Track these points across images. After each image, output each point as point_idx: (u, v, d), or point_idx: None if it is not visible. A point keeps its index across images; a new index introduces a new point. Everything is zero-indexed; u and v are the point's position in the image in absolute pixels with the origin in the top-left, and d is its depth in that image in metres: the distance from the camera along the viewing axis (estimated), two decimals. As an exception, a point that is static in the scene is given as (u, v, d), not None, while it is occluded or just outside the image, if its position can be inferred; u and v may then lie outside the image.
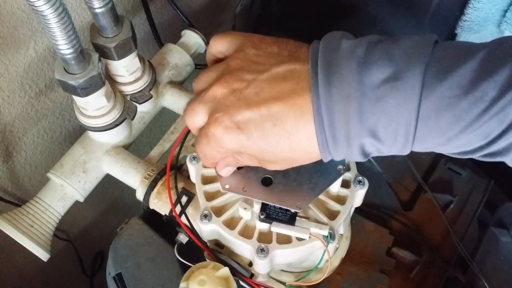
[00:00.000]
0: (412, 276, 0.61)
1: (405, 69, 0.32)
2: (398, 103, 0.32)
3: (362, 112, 0.33)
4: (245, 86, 0.37)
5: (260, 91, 0.36)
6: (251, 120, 0.36)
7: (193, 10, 0.84)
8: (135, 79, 0.55)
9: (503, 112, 0.30)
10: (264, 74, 0.37)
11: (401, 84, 0.32)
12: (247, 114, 0.36)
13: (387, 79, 0.32)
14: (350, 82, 0.33)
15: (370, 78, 0.33)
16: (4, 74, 0.55)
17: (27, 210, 0.53)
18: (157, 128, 0.87)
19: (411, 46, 0.33)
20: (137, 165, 0.55)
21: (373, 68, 0.33)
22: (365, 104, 0.33)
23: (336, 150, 0.36)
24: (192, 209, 0.51)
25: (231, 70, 0.38)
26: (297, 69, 0.36)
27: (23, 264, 0.76)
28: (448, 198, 0.67)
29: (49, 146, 0.69)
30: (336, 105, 0.33)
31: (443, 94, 0.31)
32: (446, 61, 0.32)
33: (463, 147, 0.34)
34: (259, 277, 0.47)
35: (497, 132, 0.31)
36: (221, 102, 0.37)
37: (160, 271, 0.54)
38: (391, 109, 0.32)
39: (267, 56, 0.38)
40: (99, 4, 0.45)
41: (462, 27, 0.64)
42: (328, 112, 0.34)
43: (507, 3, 0.60)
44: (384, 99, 0.32)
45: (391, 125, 0.33)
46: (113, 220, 0.94)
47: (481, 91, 0.31)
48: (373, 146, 0.35)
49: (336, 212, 0.46)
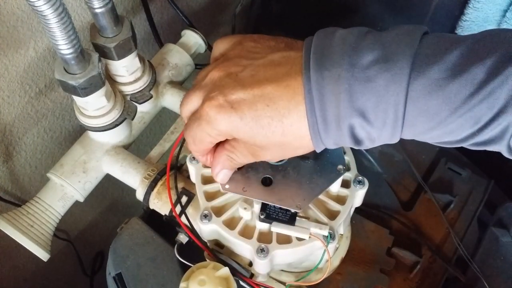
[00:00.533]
0: (412, 276, 0.61)
1: (394, 52, 0.33)
2: (387, 84, 0.33)
3: (352, 92, 0.33)
4: (241, 70, 0.38)
5: (255, 74, 0.37)
6: (245, 100, 0.36)
7: (193, 10, 0.84)
8: (135, 79, 0.55)
9: (492, 95, 0.31)
10: (261, 60, 0.38)
11: (390, 65, 0.33)
12: (241, 94, 0.37)
13: (376, 60, 0.33)
14: (341, 64, 0.34)
15: (360, 60, 0.33)
16: (4, 74, 0.55)
17: (27, 210, 0.53)
18: (157, 128, 0.87)
19: (402, 33, 0.34)
20: (137, 165, 0.55)
21: (364, 51, 0.34)
22: (355, 85, 0.33)
23: (326, 133, 0.36)
24: (192, 209, 0.51)
25: (229, 58, 0.40)
26: (291, 56, 0.37)
27: (23, 264, 0.76)
28: (448, 198, 0.67)
29: (49, 146, 0.69)
30: (327, 86, 0.34)
31: (432, 76, 0.32)
32: (435, 47, 0.33)
33: (453, 133, 0.34)
34: (259, 277, 0.47)
35: (488, 117, 0.31)
36: (217, 84, 0.38)
37: (160, 271, 0.54)
38: (380, 90, 0.33)
39: (264, 47, 0.39)
40: (99, 4, 0.45)
41: (462, 27, 0.64)
42: (319, 93, 0.34)
43: (507, 3, 0.60)
44: (374, 80, 0.33)
45: (380, 106, 0.33)
46: (113, 220, 0.94)
47: (470, 74, 0.31)
48: (363, 129, 0.35)
49: (336, 212, 0.46)
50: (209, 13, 0.89)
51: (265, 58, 0.38)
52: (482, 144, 0.34)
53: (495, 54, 0.31)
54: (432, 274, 0.61)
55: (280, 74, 0.36)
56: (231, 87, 0.37)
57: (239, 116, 0.37)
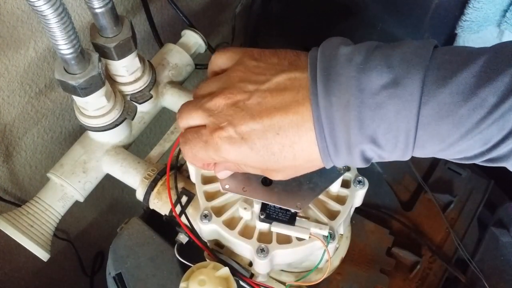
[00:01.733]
0: (412, 276, 0.61)
1: (404, 75, 0.32)
2: (397, 110, 0.32)
3: (362, 119, 0.33)
4: (248, 97, 0.37)
5: (262, 101, 0.36)
6: (254, 131, 0.36)
7: (193, 10, 0.84)
8: (135, 79, 0.55)
9: (503, 118, 0.31)
10: (266, 84, 0.37)
11: (400, 91, 0.32)
12: (251, 124, 0.36)
13: (386, 85, 0.32)
14: (349, 90, 0.33)
15: (369, 84, 0.33)
16: (4, 74, 0.55)
17: (27, 210, 0.53)
18: (157, 128, 0.87)
19: (410, 51, 0.33)
20: (137, 165, 0.55)
21: (372, 74, 0.33)
22: (365, 111, 0.33)
23: (337, 157, 0.36)
24: (192, 209, 0.51)
25: (233, 82, 0.38)
26: (297, 77, 0.36)
27: (23, 264, 0.76)
28: (448, 198, 0.67)
29: (49, 146, 0.69)
30: (336, 113, 0.34)
31: (443, 101, 0.31)
32: (445, 67, 0.32)
33: (463, 152, 0.34)
34: (259, 277, 0.47)
35: (498, 138, 0.31)
36: (224, 113, 0.37)
37: (160, 271, 0.54)
38: (391, 116, 0.32)
39: (267, 67, 0.38)
40: (99, 4, 0.45)
41: (462, 27, 0.64)
42: (328, 121, 0.34)
43: (507, 3, 0.60)
44: (384, 106, 0.32)
45: (391, 132, 0.33)
46: (113, 220, 0.94)
47: (481, 98, 0.31)
48: (374, 152, 0.35)
49: (336, 212, 0.46)
50: (209, 13, 0.89)
51: (270, 81, 0.37)
52: (490, 161, 0.34)
53: (506, 73, 0.30)
54: (432, 274, 0.61)
55: (288, 101, 0.36)
56: (240, 117, 0.37)
57: (249, 147, 0.36)
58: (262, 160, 0.37)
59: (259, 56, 0.39)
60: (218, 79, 0.40)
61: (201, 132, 0.39)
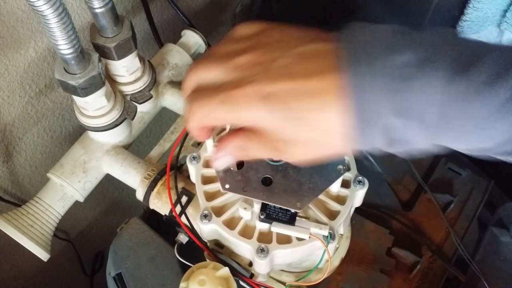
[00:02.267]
0: (412, 276, 0.61)
1: (435, 52, 0.33)
2: (424, 84, 0.32)
3: (389, 90, 0.33)
4: (272, 60, 0.36)
5: (286, 66, 0.36)
6: (277, 93, 0.35)
7: (193, 10, 0.84)
8: (135, 79, 0.55)
9: None
10: (291, 51, 0.37)
11: (430, 66, 0.32)
12: (273, 86, 0.35)
13: (416, 59, 0.33)
14: (378, 61, 0.33)
15: (400, 58, 0.33)
16: (4, 74, 0.55)
17: (27, 210, 0.53)
18: (157, 128, 0.87)
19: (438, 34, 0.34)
20: (137, 165, 0.55)
21: (403, 49, 0.33)
22: (393, 83, 0.33)
23: (360, 131, 0.35)
24: (192, 209, 0.51)
25: (260, 44, 0.38)
26: (322, 49, 0.36)
27: (23, 264, 0.76)
28: (448, 198, 0.67)
29: (49, 146, 0.69)
30: (363, 83, 0.33)
31: (471, 79, 0.32)
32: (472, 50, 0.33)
33: (489, 137, 0.33)
34: (259, 277, 0.47)
35: None
36: (249, 70, 0.37)
37: (160, 271, 0.54)
38: (419, 90, 0.32)
39: (292, 38, 0.38)
40: (99, 4, 0.45)
41: (462, 27, 0.64)
42: (355, 90, 0.33)
43: (507, 3, 0.60)
44: (412, 79, 0.32)
45: (417, 106, 0.33)
46: (113, 220, 0.94)
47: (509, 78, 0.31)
48: (397, 130, 0.34)
49: (336, 212, 0.46)
50: (209, 13, 0.89)
51: (295, 49, 0.36)
52: None
53: None
54: (432, 274, 0.61)
55: (313, 68, 0.35)
56: (263, 77, 0.36)
57: (269, 109, 0.35)
58: (280, 126, 0.36)
59: (284, 28, 0.39)
60: (245, 40, 0.39)
61: (220, 88, 0.37)
